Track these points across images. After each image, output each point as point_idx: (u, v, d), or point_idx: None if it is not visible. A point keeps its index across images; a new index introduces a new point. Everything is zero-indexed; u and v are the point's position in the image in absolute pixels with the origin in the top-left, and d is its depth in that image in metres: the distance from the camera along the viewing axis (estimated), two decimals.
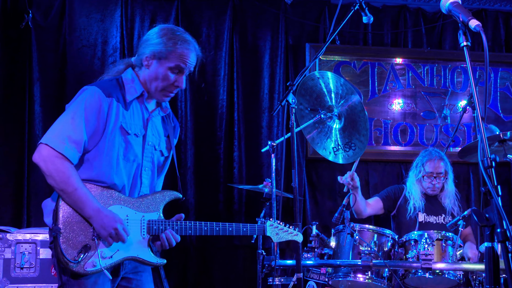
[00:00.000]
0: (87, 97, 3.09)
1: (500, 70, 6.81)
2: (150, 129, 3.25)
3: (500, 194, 2.31)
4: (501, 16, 6.91)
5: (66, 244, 2.97)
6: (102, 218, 2.99)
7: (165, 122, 3.39)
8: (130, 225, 3.11)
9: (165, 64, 3.17)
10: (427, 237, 4.63)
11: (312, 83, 4.48)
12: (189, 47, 3.23)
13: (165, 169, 3.48)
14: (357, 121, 4.47)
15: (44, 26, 6.03)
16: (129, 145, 3.14)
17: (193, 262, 6.15)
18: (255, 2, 6.42)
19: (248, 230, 3.37)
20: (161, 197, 3.27)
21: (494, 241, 2.34)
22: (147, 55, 3.19)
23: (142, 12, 6.23)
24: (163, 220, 3.20)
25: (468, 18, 2.51)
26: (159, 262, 3.23)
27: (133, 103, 3.20)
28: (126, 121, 3.13)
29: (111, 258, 3.04)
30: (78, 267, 2.96)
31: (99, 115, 3.06)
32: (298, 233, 3.55)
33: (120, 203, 3.10)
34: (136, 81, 3.23)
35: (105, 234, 2.99)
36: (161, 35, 3.21)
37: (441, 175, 5.41)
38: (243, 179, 6.22)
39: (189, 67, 3.24)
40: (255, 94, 6.39)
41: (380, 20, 6.69)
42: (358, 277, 4.55)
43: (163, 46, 3.17)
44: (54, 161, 2.97)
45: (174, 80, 3.21)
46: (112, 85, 3.17)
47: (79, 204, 2.98)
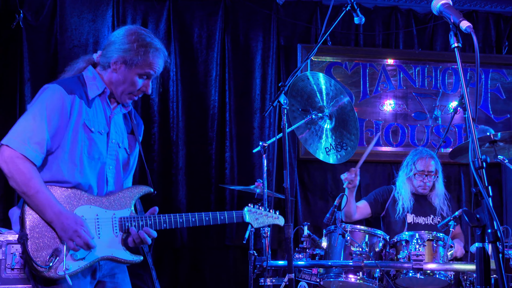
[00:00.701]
0: (48, 95, 3.02)
1: (491, 71, 6.84)
2: (113, 127, 3.20)
3: (491, 194, 2.33)
4: (491, 18, 6.93)
5: (35, 249, 2.90)
6: (62, 221, 2.92)
7: (127, 119, 3.34)
8: (101, 224, 3.05)
9: (134, 71, 3.13)
10: (418, 237, 4.64)
11: (303, 84, 4.49)
12: (159, 55, 3.19)
13: (132, 167, 3.39)
14: (348, 120, 4.49)
15: (35, 26, 6.01)
16: (93, 142, 3.08)
17: (184, 263, 6.15)
18: (247, 3, 6.41)
19: (225, 218, 3.29)
20: (131, 193, 3.19)
21: (485, 242, 2.35)
22: (116, 60, 3.13)
23: (133, 13, 6.22)
24: (136, 216, 3.14)
25: (459, 20, 2.51)
26: (135, 259, 3.13)
27: (95, 100, 3.15)
28: (89, 118, 3.08)
29: (84, 259, 2.98)
30: (50, 272, 2.90)
31: (61, 113, 3.00)
32: (279, 216, 3.51)
33: (88, 203, 3.04)
34: (98, 78, 3.17)
35: (66, 237, 2.92)
36: (132, 41, 3.14)
37: (432, 173, 5.43)
38: (234, 179, 6.21)
39: (157, 73, 3.21)
40: (246, 95, 6.38)
41: (371, 21, 6.70)
42: (349, 277, 4.56)
43: (134, 54, 3.11)
44: (15, 162, 2.91)
45: (142, 86, 3.19)
46: (73, 82, 3.12)
47: (41, 207, 2.92)
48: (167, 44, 6.23)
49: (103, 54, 3.21)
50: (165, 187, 6.14)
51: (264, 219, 3.44)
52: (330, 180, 6.48)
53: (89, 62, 3.25)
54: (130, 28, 3.23)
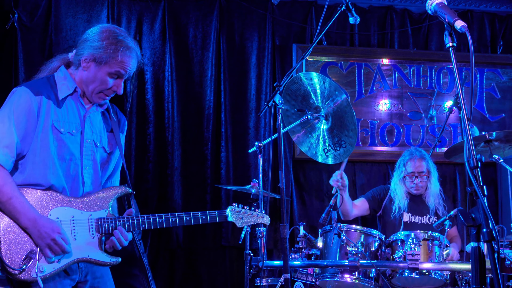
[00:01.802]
0: (15, 98, 3.00)
1: (485, 71, 6.85)
2: (88, 126, 3.14)
3: (486, 194, 2.33)
4: (486, 17, 6.95)
5: (8, 252, 2.88)
6: (39, 229, 2.89)
7: (106, 117, 3.28)
8: (77, 226, 3.02)
9: (104, 69, 3.08)
10: (413, 237, 4.64)
11: (296, 86, 4.48)
12: (130, 54, 3.13)
13: (113, 165, 3.33)
14: (344, 116, 4.47)
15: (30, 26, 6.00)
16: (63, 143, 3.04)
17: (180, 263, 6.14)
18: (242, 3, 6.41)
19: (207, 217, 3.27)
20: (108, 194, 3.14)
21: (480, 241, 2.35)
22: (86, 57, 3.10)
23: (128, 13, 6.21)
24: (113, 217, 3.09)
25: (454, 19, 2.52)
26: (113, 261, 3.09)
27: (66, 100, 3.11)
28: (59, 119, 3.05)
29: (59, 262, 2.96)
30: (23, 274, 2.88)
31: (28, 115, 2.98)
32: (264, 215, 3.48)
33: (63, 205, 3.01)
34: (69, 78, 3.13)
35: (43, 244, 2.90)
36: (103, 38, 3.10)
37: (423, 174, 5.43)
38: (230, 179, 6.21)
39: (129, 73, 3.15)
40: (242, 95, 6.38)
41: (366, 21, 6.71)
42: (345, 277, 4.56)
43: (103, 52, 3.07)
44: None
45: (113, 85, 3.13)
46: (42, 84, 3.09)
47: (15, 214, 2.89)
48: (162, 44, 6.22)
49: (75, 53, 3.18)
50: (161, 187, 6.13)
51: (248, 218, 3.42)
52: (325, 180, 6.48)
53: (64, 61, 3.22)
54: (103, 26, 3.20)
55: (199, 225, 6.08)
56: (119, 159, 3.34)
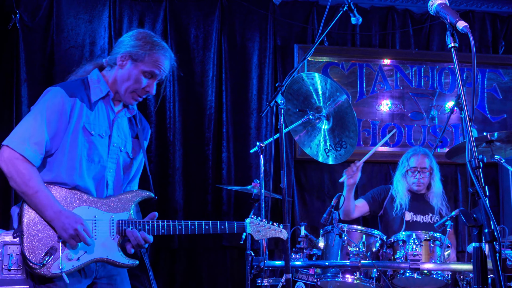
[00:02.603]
0: (49, 98, 3.07)
1: (487, 71, 6.85)
2: (115, 130, 3.22)
3: (487, 194, 2.33)
4: (488, 18, 6.94)
5: (31, 247, 2.94)
6: (63, 220, 2.96)
7: (133, 123, 3.35)
8: (98, 226, 3.08)
9: (139, 67, 3.16)
10: (415, 237, 4.64)
11: (298, 86, 4.48)
12: (165, 54, 3.23)
13: (135, 171, 3.40)
14: (345, 117, 4.48)
15: (31, 26, 6.00)
16: (93, 145, 3.11)
17: (181, 263, 6.14)
18: (243, 3, 6.41)
19: (226, 227, 3.29)
20: (131, 197, 3.20)
21: (482, 241, 2.35)
22: (122, 55, 3.18)
23: (130, 13, 6.21)
24: (134, 220, 3.15)
25: (456, 20, 2.52)
26: (130, 263, 3.14)
27: (98, 103, 3.17)
28: (90, 122, 3.11)
29: (78, 260, 3.01)
30: (43, 270, 2.93)
31: (61, 115, 3.04)
32: (282, 229, 3.49)
33: (87, 204, 3.07)
34: (102, 81, 3.20)
35: (66, 236, 2.96)
36: (139, 38, 3.20)
37: (425, 170, 5.44)
38: (231, 180, 6.21)
39: (162, 74, 3.23)
40: (243, 95, 6.38)
41: (368, 21, 6.70)
42: (346, 277, 4.56)
43: (140, 49, 3.16)
44: (15, 163, 2.96)
45: (146, 85, 3.20)
46: (76, 85, 3.15)
47: (40, 207, 2.96)
48: None
49: (111, 54, 3.26)
50: (162, 187, 6.13)
51: (266, 231, 3.44)
52: (327, 180, 6.48)
53: (97, 65, 3.29)
54: (140, 29, 3.32)
55: None
56: (140, 165, 3.41)
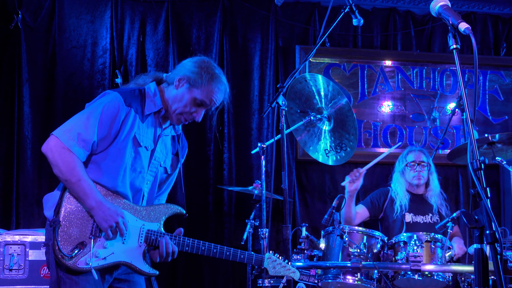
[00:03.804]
0: (107, 101, 3.13)
1: (488, 73, 6.85)
2: (159, 145, 3.30)
3: (489, 196, 2.33)
4: (490, 19, 6.95)
5: (63, 238, 3.00)
6: (104, 210, 3.03)
7: (175, 141, 3.44)
8: (130, 231, 3.15)
9: (193, 93, 3.23)
10: (416, 239, 4.64)
11: (301, 86, 4.49)
12: (221, 88, 3.31)
13: (168, 186, 3.53)
14: (346, 121, 4.49)
15: (33, 27, 6.01)
16: (139, 156, 3.19)
17: (182, 263, 6.14)
18: (245, 4, 6.42)
19: (245, 258, 3.41)
20: (164, 210, 3.30)
21: (483, 243, 2.35)
22: (181, 77, 3.25)
23: (132, 14, 6.22)
24: (163, 232, 3.23)
25: (458, 21, 2.52)
26: (152, 272, 3.24)
27: (149, 117, 3.25)
28: (141, 133, 3.19)
29: (105, 259, 3.07)
30: (70, 262, 2.99)
31: (114, 121, 3.10)
32: (295, 270, 3.58)
33: (123, 208, 3.14)
34: (158, 96, 3.27)
35: (106, 226, 3.04)
36: (202, 67, 3.29)
37: (424, 163, 5.46)
38: (232, 180, 6.21)
39: (213, 105, 3.30)
40: (245, 96, 6.39)
41: (369, 22, 6.70)
42: (347, 278, 4.56)
43: (199, 77, 3.24)
44: (60, 151, 3.01)
45: (194, 111, 3.26)
46: (134, 96, 3.22)
47: (82, 195, 3.02)
48: (165, 45, 6.23)
49: (172, 72, 3.35)
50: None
51: (280, 270, 3.55)
52: (328, 181, 6.48)
53: (156, 78, 3.37)
54: (204, 58, 3.40)
55: (201, 226, 6.12)
56: (172, 181, 3.54)
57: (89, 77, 6.08)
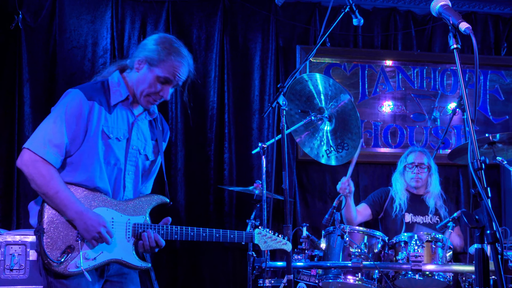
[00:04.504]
0: (69, 100, 3.10)
1: (489, 73, 6.85)
2: (135, 133, 3.25)
3: (489, 196, 2.33)
4: (490, 19, 6.94)
5: (50, 244, 2.99)
6: (86, 221, 3.01)
7: (153, 126, 3.39)
8: (115, 227, 3.13)
9: (154, 72, 3.18)
10: (417, 238, 4.64)
11: (301, 86, 4.48)
12: (182, 61, 3.23)
13: (153, 173, 3.49)
14: (348, 119, 4.47)
15: (34, 27, 6.01)
16: (110, 148, 3.14)
17: (183, 264, 6.14)
18: (246, 4, 6.42)
19: (235, 237, 3.38)
20: (148, 201, 3.27)
21: (484, 243, 2.35)
22: (140, 58, 3.20)
23: (132, 14, 6.22)
24: (149, 224, 3.21)
25: (458, 21, 2.52)
26: (144, 265, 3.22)
27: (117, 106, 3.20)
28: (108, 125, 3.14)
29: (95, 260, 3.06)
30: (60, 267, 2.98)
31: (79, 118, 3.07)
32: (287, 241, 3.57)
33: (105, 205, 3.12)
34: (122, 84, 3.23)
35: (89, 237, 3.02)
36: (158, 43, 3.22)
37: (423, 165, 5.46)
38: (233, 180, 6.21)
39: (178, 80, 3.24)
40: (245, 96, 6.39)
41: (370, 22, 6.70)
42: (348, 278, 4.56)
43: (156, 54, 3.18)
44: (35, 165, 3.00)
45: (160, 90, 3.21)
46: (96, 89, 3.18)
47: (62, 207, 3.00)
48: None
49: (132, 56, 3.30)
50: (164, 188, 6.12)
51: (272, 243, 3.52)
52: (328, 181, 6.48)
53: (120, 67, 3.32)
54: (162, 34, 3.35)
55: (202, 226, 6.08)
56: (157, 168, 3.49)
57: (90, 77, 6.05)
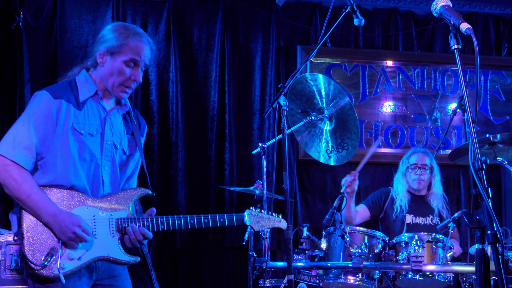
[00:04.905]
0: (36, 102, 3.09)
1: (490, 73, 6.85)
2: (108, 128, 3.21)
3: (490, 196, 2.33)
4: (491, 19, 6.94)
5: (32, 248, 2.95)
6: (60, 223, 2.97)
7: (127, 120, 3.35)
8: (98, 225, 3.08)
9: (119, 59, 3.15)
10: (417, 239, 4.64)
11: (301, 86, 4.48)
12: (141, 39, 3.21)
13: (132, 168, 3.40)
14: (347, 120, 4.48)
15: (35, 27, 6.01)
16: (84, 145, 3.11)
17: (183, 264, 6.15)
18: (247, 4, 6.42)
19: (225, 220, 3.28)
20: (129, 194, 3.21)
21: (485, 243, 2.35)
22: (101, 52, 3.17)
23: (133, 14, 6.22)
24: (133, 217, 3.16)
25: (459, 21, 2.52)
26: (132, 260, 3.15)
27: (87, 103, 3.17)
28: (79, 121, 3.11)
29: (80, 259, 3.02)
30: (45, 270, 2.94)
31: (47, 118, 3.05)
32: (281, 219, 3.50)
33: (85, 204, 3.08)
34: (90, 81, 3.20)
35: (65, 238, 2.98)
36: (113, 31, 3.20)
37: (425, 166, 5.46)
38: (234, 181, 6.21)
39: (144, 60, 3.20)
40: (246, 96, 6.39)
41: (371, 22, 6.71)
42: (348, 278, 4.56)
43: (115, 41, 3.15)
44: (6, 169, 2.98)
45: (131, 74, 3.18)
46: (62, 87, 3.16)
47: (36, 210, 2.97)
48: (167, 45, 6.23)
49: (91, 53, 3.26)
50: (165, 188, 6.14)
51: (265, 222, 3.44)
52: (329, 181, 6.48)
53: (84, 67, 3.29)
54: (114, 23, 3.32)
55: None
56: (137, 162, 3.41)
57: None
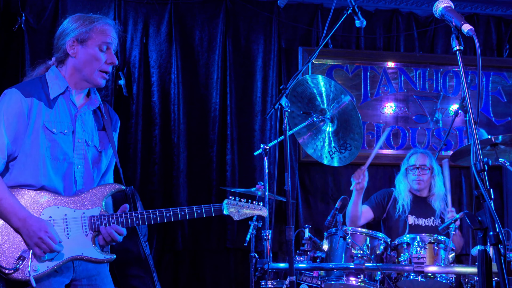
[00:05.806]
0: (7, 100, 3.02)
1: (491, 74, 6.85)
2: (79, 125, 3.14)
3: (492, 197, 2.32)
4: (492, 21, 6.94)
5: (2, 252, 2.90)
6: (28, 227, 2.91)
7: (98, 116, 3.28)
8: (70, 224, 3.02)
9: (91, 45, 3.12)
10: (419, 240, 4.64)
11: (302, 88, 4.48)
12: (107, 22, 3.20)
13: (106, 164, 3.31)
14: (350, 120, 4.47)
15: (37, 28, 6.02)
16: (56, 144, 3.05)
17: (185, 265, 6.15)
18: (248, 6, 6.42)
19: (203, 211, 3.23)
20: (101, 191, 3.13)
21: (487, 244, 2.35)
22: (70, 43, 3.12)
23: (135, 15, 6.22)
24: (106, 214, 3.08)
25: (461, 23, 2.52)
26: (107, 257, 3.07)
27: (58, 100, 3.11)
28: (50, 120, 3.05)
29: (52, 260, 2.96)
30: (17, 274, 2.89)
31: (19, 117, 3.00)
32: (261, 207, 3.45)
33: (56, 204, 3.02)
34: (60, 77, 3.14)
35: (32, 243, 2.92)
36: (75, 21, 3.17)
37: (425, 167, 5.46)
38: (235, 182, 6.21)
39: (114, 42, 3.19)
40: (248, 97, 6.39)
41: (372, 24, 6.71)
42: (350, 280, 4.56)
43: (82, 28, 3.12)
44: None
45: (106, 58, 3.15)
46: (33, 85, 3.10)
47: (6, 214, 2.91)
48: (168, 46, 6.24)
49: (56, 49, 3.20)
50: (166, 189, 6.14)
51: (245, 211, 3.39)
52: (331, 182, 6.48)
53: (48, 66, 3.24)
54: (73, 15, 3.26)
55: (204, 227, 6.11)
56: (112, 158, 3.34)
57: None
